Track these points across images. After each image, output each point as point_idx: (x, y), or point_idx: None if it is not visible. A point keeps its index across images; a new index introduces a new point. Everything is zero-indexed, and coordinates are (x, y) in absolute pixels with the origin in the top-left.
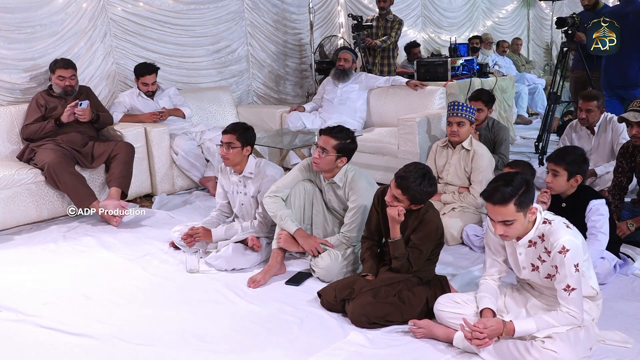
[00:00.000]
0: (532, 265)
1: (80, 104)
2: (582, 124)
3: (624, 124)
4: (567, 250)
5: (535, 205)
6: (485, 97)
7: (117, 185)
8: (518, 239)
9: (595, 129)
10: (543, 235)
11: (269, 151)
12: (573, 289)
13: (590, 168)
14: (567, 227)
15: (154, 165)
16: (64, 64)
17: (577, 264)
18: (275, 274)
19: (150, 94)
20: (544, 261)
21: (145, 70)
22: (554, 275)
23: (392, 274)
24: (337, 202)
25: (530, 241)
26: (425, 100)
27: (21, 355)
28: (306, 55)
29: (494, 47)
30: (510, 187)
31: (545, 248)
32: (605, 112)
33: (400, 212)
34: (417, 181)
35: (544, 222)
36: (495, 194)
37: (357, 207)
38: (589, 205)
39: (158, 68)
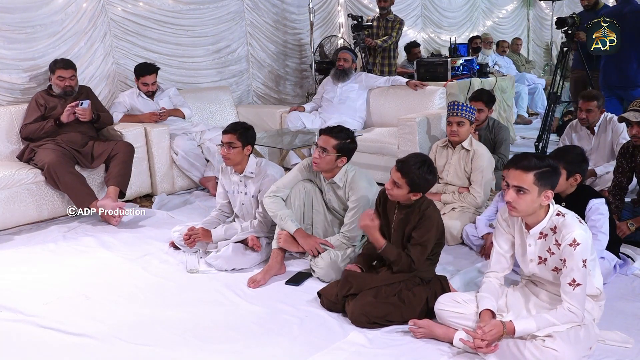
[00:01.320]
0: (540, 258)
1: (81, 104)
2: (582, 124)
3: (624, 124)
4: (578, 244)
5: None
6: (486, 98)
7: (115, 184)
8: (528, 227)
9: (595, 129)
10: (555, 227)
11: (269, 151)
12: (578, 284)
13: (590, 168)
14: (580, 222)
15: (154, 165)
16: (64, 65)
17: (585, 260)
18: (275, 274)
19: (151, 94)
20: (553, 253)
21: (145, 70)
22: (561, 269)
23: (392, 274)
24: (337, 202)
25: (541, 233)
26: (425, 100)
27: (21, 355)
28: (306, 55)
29: (494, 47)
30: (538, 160)
31: (557, 240)
32: (605, 112)
33: (372, 216)
34: (417, 165)
35: (558, 215)
36: (522, 159)
37: (357, 207)
38: (588, 205)
39: (158, 68)
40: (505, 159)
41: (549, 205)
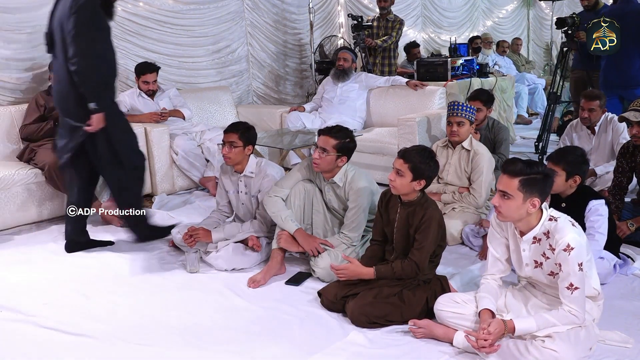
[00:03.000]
0: (535, 262)
1: None
2: (583, 123)
3: (624, 124)
4: (572, 249)
5: (544, 205)
6: (484, 97)
7: None
8: (522, 234)
9: (596, 128)
10: (548, 232)
11: (269, 151)
12: (576, 288)
13: (590, 168)
14: (573, 225)
15: (154, 165)
16: None
17: (581, 263)
18: (275, 274)
19: (151, 93)
20: (547, 258)
21: (146, 68)
22: (557, 273)
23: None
24: (337, 202)
25: (534, 238)
26: (425, 100)
27: (21, 355)
28: (306, 55)
29: (494, 47)
30: (527, 166)
31: (550, 245)
32: (606, 112)
33: (343, 264)
34: (418, 150)
35: (550, 219)
36: (510, 164)
37: (357, 207)
38: (588, 206)
39: (159, 67)
40: (506, 159)
41: (541, 211)
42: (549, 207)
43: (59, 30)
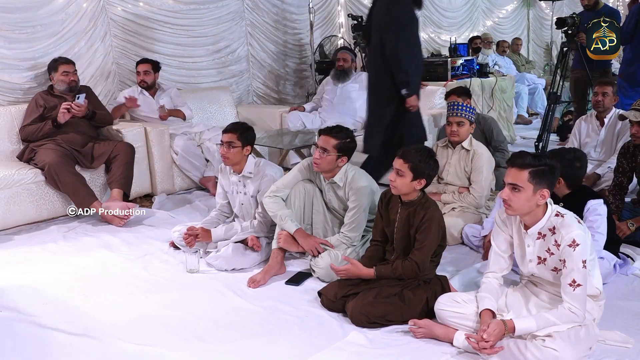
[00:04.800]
0: (539, 257)
1: (78, 97)
2: (596, 107)
3: None
4: (577, 245)
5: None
6: (459, 90)
7: (118, 186)
8: (527, 228)
9: (606, 120)
10: (554, 227)
11: (269, 151)
12: (578, 285)
13: (592, 172)
14: (579, 222)
15: (154, 165)
16: (65, 60)
17: (585, 260)
18: (275, 274)
19: (145, 86)
20: (552, 254)
21: (140, 61)
22: (561, 270)
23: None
24: (337, 202)
25: (539, 233)
26: (425, 100)
27: (21, 355)
28: (306, 55)
29: (494, 47)
30: (535, 159)
31: (556, 241)
32: (615, 108)
33: (344, 265)
34: (417, 150)
35: (557, 215)
36: (518, 158)
37: (357, 207)
38: (586, 205)
39: (153, 61)
40: (504, 144)
41: (547, 205)
42: None
43: (377, 24)
